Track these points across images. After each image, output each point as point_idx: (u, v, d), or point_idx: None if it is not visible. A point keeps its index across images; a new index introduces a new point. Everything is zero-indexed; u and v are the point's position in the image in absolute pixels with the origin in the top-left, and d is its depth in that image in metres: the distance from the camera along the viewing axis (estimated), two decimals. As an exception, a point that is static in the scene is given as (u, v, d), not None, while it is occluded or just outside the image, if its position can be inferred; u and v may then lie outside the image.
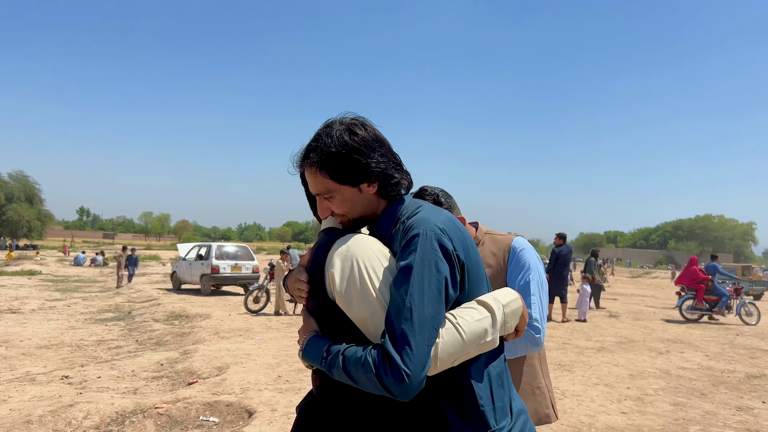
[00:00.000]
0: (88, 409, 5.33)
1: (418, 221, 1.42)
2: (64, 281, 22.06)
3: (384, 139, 1.57)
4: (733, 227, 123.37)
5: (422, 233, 1.37)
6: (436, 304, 1.32)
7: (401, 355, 1.24)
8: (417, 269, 1.33)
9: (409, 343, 1.25)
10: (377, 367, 1.25)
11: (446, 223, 1.44)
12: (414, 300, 1.29)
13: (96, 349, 8.88)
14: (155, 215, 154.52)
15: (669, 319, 15.31)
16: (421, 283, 1.32)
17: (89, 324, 11.49)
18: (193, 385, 6.50)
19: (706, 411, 6.19)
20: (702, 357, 9.56)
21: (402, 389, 1.24)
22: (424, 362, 1.26)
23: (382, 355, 1.25)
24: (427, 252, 1.35)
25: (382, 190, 1.55)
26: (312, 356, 1.41)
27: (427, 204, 1.56)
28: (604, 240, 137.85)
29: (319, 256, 1.47)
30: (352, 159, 1.49)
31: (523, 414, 1.53)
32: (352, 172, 1.50)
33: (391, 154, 1.56)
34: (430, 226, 1.39)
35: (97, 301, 15.69)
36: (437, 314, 1.32)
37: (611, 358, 9.12)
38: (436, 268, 1.35)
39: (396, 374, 1.23)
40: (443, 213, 1.51)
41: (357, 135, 1.51)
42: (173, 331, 10.62)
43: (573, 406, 6.14)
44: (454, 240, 1.42)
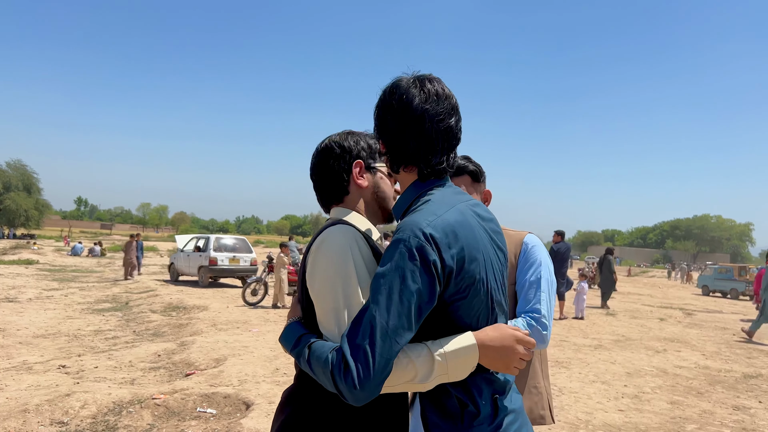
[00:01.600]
0: (85, 398, 5.32)
1: (406, 223, 1.32)
2: (62, 271, 22.02)
3: (408, 110, 1.42)
4: (730, 227, 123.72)
5: (403, 239, 1.28)
6: (404, 318, 1.24)
7: (357, 364, 1.20)
8: (388, 277, 1.26)
9: (366, 352, 1.21)
10: (334, 368, 1.22)
11: (440, 226, 1.31)
12: (380, 310, 1.23)
13: (93, 339, 8.86)
14: (153, 206, 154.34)
15: (662, 317, 15.34)
16: (390, 293, 1.24)
17: (86, 314, 11.47)
18: (190, 376, 6.49)
19: (703, 410, 6.20)
20: (699, 356, 9.58)
21: (354, 396, 1.21)
22: (380, 374, 1.21)
23: (340, 358, 1.23)
24: (403, 261, 1.26)
25: (390, 160, 1.52)
26: (286, 341, 1.43)
27: (438, 194, 1.45)
28: (601, 238, 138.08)
29: (307, 247, 1.49)
30: (375, 110, 1.52)
31: (513, 413, 1.46)
32: (377, 126, 1.52)
33: (426, 131, 1.42)
34: (416, 232, 1.28)
35: (95, 291, 15.66)
36: (402, 328, 1.24)
37: (608, 355, 9.13)
38: (411, 278, 1.25)
39: (349, 380, 1.20)
40: (446, 210, 1.37)
41: (396, 93, 1.46)
42: (171, 323, 10.60)
43: (570, 403, 6.15)
44: (442, 247, 1.29)
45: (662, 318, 15.17)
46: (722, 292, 28.24)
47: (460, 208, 1.42)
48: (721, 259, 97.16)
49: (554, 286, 2.29)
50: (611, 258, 16.93)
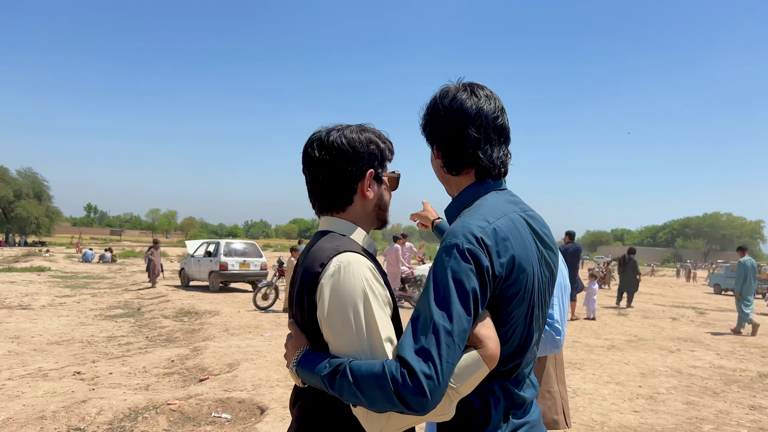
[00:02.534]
0: (101, 404, 5.35)
1: (458, 228, 1.31)
2: (73, 278, 22.16)
3: (467, 113, 1.44)
4: (741, 225, 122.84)
5: (457, 244, 1.27)
6: (464, 321, 1.23)
7: (425, 371, 1.15)
8: (444, 282, 1.24)
9: (433, 358, 1.17)
10: (395, 378, 1.16)
11: (491, 234, 1.30)
12: (440, 315, 1.21)
13: (107, 345, 8.91)
14: (162, 212, 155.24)
15: (674, 316, 15.24)
16: (448, 297, 1.22)
17: (99, 320, 11.54)
18: (204, 381, 6.51)
19: (719, 410, 6.15)
20: (713, 356, 9.51)
21: (423, 404, 1.16)
22: (447, 380, 1.19)
23: (403, 367, 1.17)
24: (458, 265, 1.25)
25: (447, 161, 1.50)
26: (308, 369, 1.31)
27: (492, 199, 1.44)
28: (611, 238, 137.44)
29: (312, 269, 1.37)
30: (425, 116, 1.51)
31: (526, 425, 1.43)
32: (423, 129, 1.52)
33: (483, 128, 1.45)
34: (468, 237, 1.27)
35: (107, 297, 15.74)
36: (464, 332, 1.22)
37: (621, 356, 9.08)
38: (467, 282, 1.23)
39: (417, 388, 1.14)
40: (498, 218, 1.36)
41: (447, 97, 1.48)
42: (183, 328, 10.64)
43: (585, 405, 6.12)
44: (493, 254, 1.28)
45: (674, 317, 15.07)
46: (734, 291, 27.99)
47: (513, 217, 1.40)
48: (732, 258, 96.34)
49: (567, 290, 2.29)
50: (635, 258, 16.90)
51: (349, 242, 1.44)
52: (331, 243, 1.41)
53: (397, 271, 14.92)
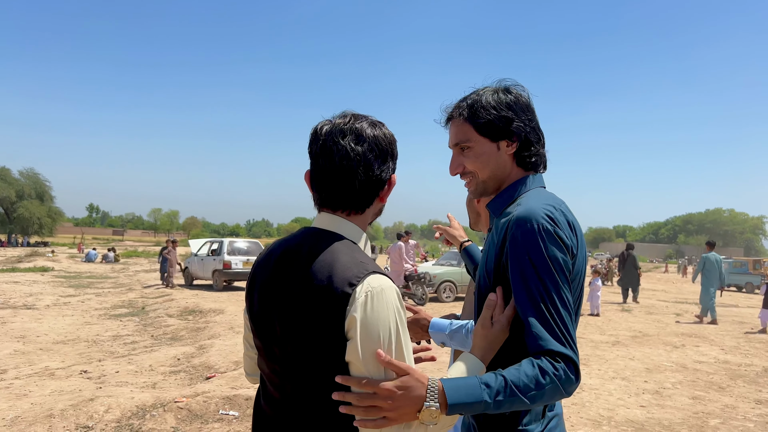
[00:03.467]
0: (109, 403, 5.37)
1: (532, 210, 1.35)
2: (77, 277, 22.20)
3: (534, 110, 1.56)
4: (743, 221, 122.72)
5: (541, 224, 1.32)
6: (570, 298, 1.32)
7: (572, 354, 1.24)
8: (542, 262, 1.30)
9: (569, 340, 1.26)
10: (557, 372, 1.22)
11: (560, 217, 1.37)
12: (555, 297, 1.28)
13: (112, 344, 8.93)
14: (164, 212, 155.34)
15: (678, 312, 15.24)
16: (551, 275, 1.29)
17: (104, 319, 11.56)
18: (211, 379, 6.53)
19: (725, 404, 6.16)
20: (718, 351, 9.51)
21: (576, 386, 1.26)
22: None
23: (562, 360, 1.23)
24: (549, 245, 1.31)
25: (519, 154, 1.53)
26: (465, 400, 1.20)
27: (545, 192, 1.52)
28: (613, 234, 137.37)
29: (335, 287, 1.21)
30: (500, 111, 1.50)
31: (556, 417, 1.47)
32: (496, 124, 1.50)
33: (537, 125, 1.56)
34: (547, 219, 1.33)
35: (111, 296, 15.78)
36: (572, 308, 1.32)
37: (626, 352, 9.08)
38: (562, 260, 1.31)
39: (573, 372, 1.24)
40: (560, 204, 1.44)
41: (511, 93, 1.53)
42: (188, 326, 10.67)
43: (591, 400, 6.12)
44: (568, 234, 1.36)
45: (678, 313, 15.06)
46: (737, 286, 28.03)
47: (568, 206, 1.48)
48: (734, 253, 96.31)
49: None
50: (634, 254, 17.04)
51: (366, 256, 1.32)
52: (352, 257, 1.26)
53: (400, 269, 14.93)
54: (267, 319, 1.31)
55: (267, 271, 1.35)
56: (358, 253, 1.29)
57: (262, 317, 1.33)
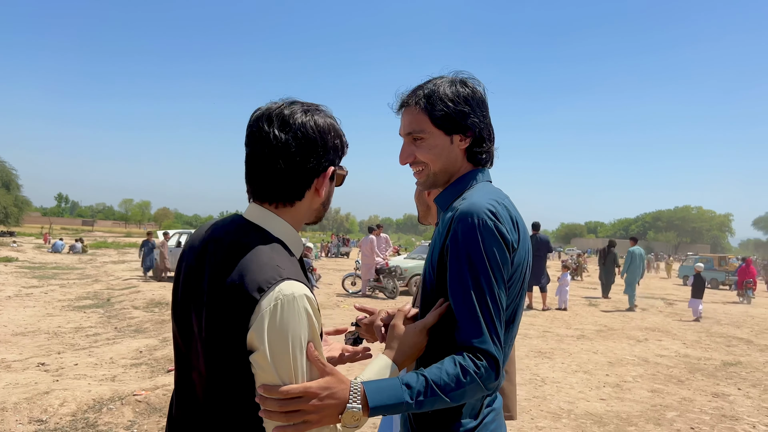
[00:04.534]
0: (65, 396, 5.25)
1: (474, 205, 1.34)
2: (42, 268, 21.73)
3: (487, 106, 1.55)
4: (710, 218, 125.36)
5: (481, 219, 1.31)
6: (504, 295, 1.31)
7: (494, 351, 1.24)
8: (477, 257, 1.29)
9: (492, 337, 1.25)
10: (478, 374, 1.23)
11: (503, 212, 1.36)
12: (486, 294, 1.27)
13: (74, 336, 8.76)
14: (135, 202, 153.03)
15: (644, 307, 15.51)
16: (485, 271, 1.28)
17: (67, 311, 11.34)
18: (172, 371, 6.42)
19: (683, 397, 6.27)
20: (679, 345, 9.69)
21: (497, 383, 1.27)
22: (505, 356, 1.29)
23: (483, 357, 1.24)
24: (488, 240, 1.29)
25: (471, 149, 1.52)
26: (386, 402, 1.18)
27: (491, 186, 1.50)
28: (584, 230, 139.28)
29: (245, 291, 1.14)
30: (457, 105, 1.47)
31: (492, 411, 1.45)
32: (453, 118, 1.47)
33: (490, 122, 1.55)
34: (487, 213, 1.31)
35: (75, 288, 15.48)
36: (503, 305, 1.31)
37: (591, 345, 9.20)
38: (499, 256, 1.30)
39: (495, 371, 1.24)
40: (504, 199, 1.43)
41: (468, 86, 1.51)
42: (153, 318, 10.51)
43: (553, 393, 6.19)
44: (509, 229, 1.34)
45: (644, 308, 15.31)
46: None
47: (511, 201, 1.47)
48: (701, 250, 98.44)
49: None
50: (615, 251, 17.49)
51: (287, 259, 1.24)
52: (270, 258, 1.20)
53: (372, 262, 14.94)
54: (186, 310, 1.27)
55: (192, 256, 1.30)
56: (277, 255, 1.22)
57: (182, 308, 1.29)
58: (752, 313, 15.47)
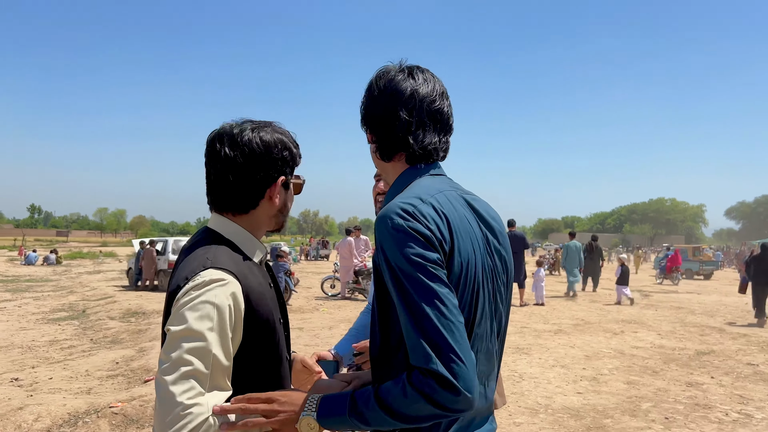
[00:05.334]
0: (39, 411, 5.18)
1: (388, 207, 1.21)
2: (15, 281, 21.33)
3: (420, 96, 1.34)
4: (684, 210, 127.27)
5: (387, 225, 1.17)
6: (449, 299, 1.13)
7: (439, 367, 1.06)
8: (399, 266, 1.14)
9: (436, 351, 1.07)
10: (424, 390, 1.06)
11: (424, 209, 1.19)
12: (421, 306, 1.10)
13: (48, 350, 8.62)
14: (110, 211, 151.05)
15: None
16: (412, 281, 1.12)
17: (41, 324, 11.15)
18: (149, 382, 6.37)
19: (657, 388, 6.38)
20: (654, 336, 9.85)
21: (464, 402, 1.07)
22: (469, 356, 1.10)
23: (430, 375, 1.07)
24: (402, 248, 1.14)
25: (379, 149, 1.40)
26: (332, 415, 1.16)
27: (427, 181, 1.33)
28: (561, 225, 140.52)
29: (177, 279, 1.28)
30: (365, 94, 1.42)
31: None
32: (363, 116, 1.42)
33: (416, 111, 1.34)
34: (399, 212, 1.17)
35: (50, 300, 15.23)
36: (454, 306, 1.13)
37: (568, 340, 9.31)
38: (422, 254, 1.13)
39: (448, 388, 1.06)
40: (433, 194, 1.25)
41: (383, 78, 1.38)
42: (129, 329, 10.38)
43: (530, 389, 6.25)
44: (432, 226, 1.17)
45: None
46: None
47: (449, 195, 1.30)
48: (676, 241, 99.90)
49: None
50: (600, 245, 18.01)
51: (228, 255, 1.33)
52: (206, 252, 1.32)
53: (350, 264, 14.92)
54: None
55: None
56: (216, 251, 1.32)
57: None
58: (725, 302, 15.78)
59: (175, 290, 1.26)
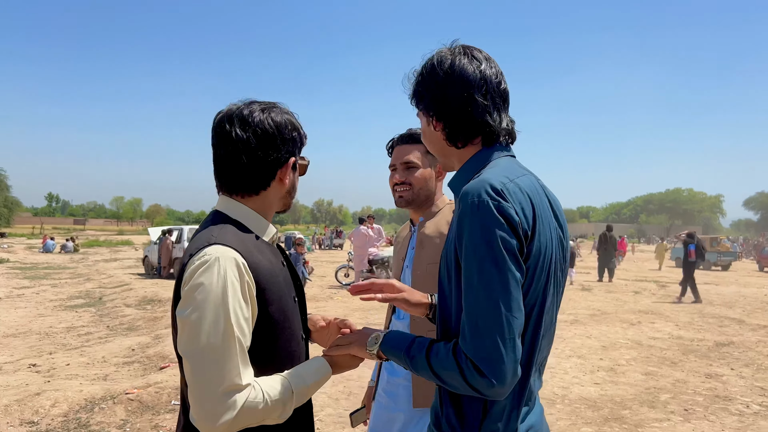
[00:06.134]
0: (56, 397, 5.21)
1: (476, 183, 1.16)
2: (33, 269, 21.59)
3: (489, 77, 1.31)
4: (701, 200, 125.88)
5: (482, 201, 1.12)
6: (515, 291, 1.11)
7: (480, 358, 1.08)
8: (477, 249, 1.10)
9: (485, 341, 1.07)
10: (461, 368, 1.10)
11: (513, 189, 1.16)
12: (484, 290, 1.09)
13: (65, 336, 8.70)
14: (127, 200, 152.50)
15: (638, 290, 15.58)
16: (487, 265, 1.09)
17: (59, 311, 11.26)
18: (165, 369, 6.40)
19: (676, 379, 6.29)
20: (672, 327, 9.73)
21: (495, 393, 1.09)
22: (515, 356, 1.09)
23: (470, 360, 1.09)
24: (486, 222, 1.10)
25: (450, 135, 1.33)
26: (393, 348, 1.26)
27: (506, 161, 1.30)
28: (576, 215, 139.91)
29: (183, 259, 1.30)
30: (420, 82, 1.35)
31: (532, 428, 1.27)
32: (418, 96, 1.37)
33: (490, 93, 1.30)
34: (489, 191, 1.13)
35: (67, 287, 15.39)
36: (517, 303, 1.11)
37: (584, 330, 9.23)
38: (502, 239, 1.10)
39: (482, 375, 1.08)
40: (519, 176, 1.23)
41: (446, 63, 1.31)
42: (145, 316, 10.45)
43: (547, 379, 6.19)
44: (518, 209, 1.14)
45: (637, 291, 15.40)
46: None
47: (532, 179, 1.29)
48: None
49: None
50: (615, 235, 18.23)
51: (232, 233, 1.33)
52: (211, 231, 1.32)
53: (364, 253, 14.90)
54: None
55: None
56: (221, 229, 1.33)
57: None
58: (744, 293, 15.58)
59: (182, 271, 1.27)
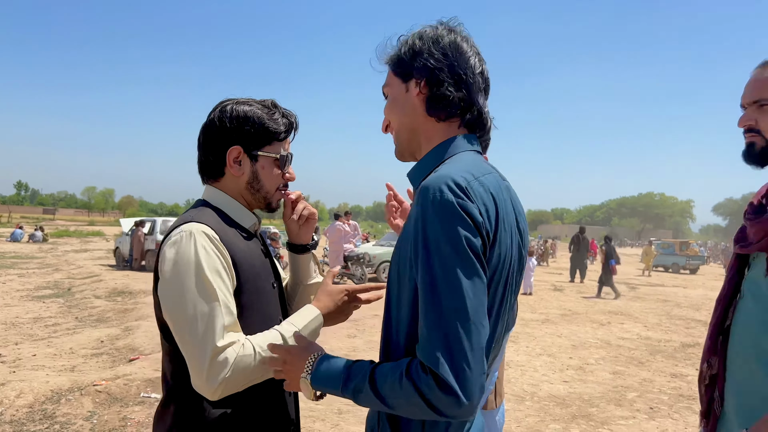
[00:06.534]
0: (21, 387, 5.11)
1: (437, 176, 1.06)
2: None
3: (464, 52, 1.21)
4: (672, 205, 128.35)
5: (435, 198, 1.02)
6: (481, 295, 1.01)
7: (442, 369, 0.96)
8: (436, 247, 1.01)
9: (446, 350, 0.96)
10: (420, 388, 0.97)
11: (477, 188, 1.06)
12: (446, 294, 0.99)
13: (32, 327, 8.53)
14: (99, 190, 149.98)
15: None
16: (448, 266, 0.99)
17: (25, 301, 11.04)
18: (134, 361, 6.32)
19: (643, 378, 6.42)
20: (641, 327, 9.92)
21: (464, 411, 0.97)
22: (479, 367, 0.98)
23: (431, 377, 0.97)
24: (448, 221, 1.01)
25: (431, 104, 1.21)
26: (326, 381, 1.12)
27: (472, 157, 1.19)
28: (551, 217, 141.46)
29: (161, 241, 1.37)
30: (412, 46, 1.23)
31: None
32: (402, 60, 1.24)
33: (463, 70, 1.20)
34: (450, 186, 1.03)
35: (35, 277, 15.08)
36: (480, 304, 1.01)
37: (555, 329, 9.35)
38: (465, 238, 1.00)
39: (446, 392, 0.95)
40: (484, 174, 1.13)
41: (436, 31, 1.23)
42: (115, 308, 10.30)
43: (517, 376, 6.26)
44: (481, 209, 1.04)
45: (608, 292, 15.63)
46: (664, 267, 29.31)
47: (497, 177, 1.19)
48: (663, 236, 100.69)
49: None
50: (587, 237, 18.43)
51: (210, 215, 1.42)
52: (188, 214, 1.41)
53: (339, 249, 14.88)
54: None
55: None
56: (199, 212, 1.41)
57: None
58: (711, 296, 15.90)
59: (160, 250, 1.35)
